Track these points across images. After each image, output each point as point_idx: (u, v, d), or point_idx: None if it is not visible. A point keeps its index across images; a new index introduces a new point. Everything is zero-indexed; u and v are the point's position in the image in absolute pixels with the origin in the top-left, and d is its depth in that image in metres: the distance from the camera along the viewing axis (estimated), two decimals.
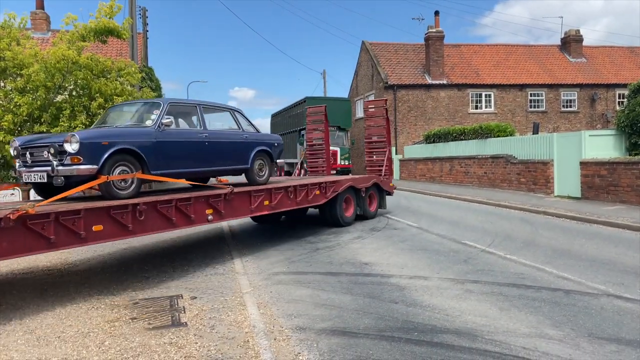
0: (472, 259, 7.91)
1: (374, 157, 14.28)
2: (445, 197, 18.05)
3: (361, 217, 12.31)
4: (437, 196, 18.51)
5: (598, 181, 14.21)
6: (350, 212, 11.77)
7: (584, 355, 4.22)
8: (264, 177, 9.46)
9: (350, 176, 12.73)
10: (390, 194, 13.83)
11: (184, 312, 5.53)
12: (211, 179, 9.63)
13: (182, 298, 6.10)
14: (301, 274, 7.26)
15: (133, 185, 6.97)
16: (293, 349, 4.49)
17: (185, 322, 5.20)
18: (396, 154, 29.86)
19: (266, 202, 8.83)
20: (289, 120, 30.87)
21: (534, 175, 16.94)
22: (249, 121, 9.48)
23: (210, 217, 7.58)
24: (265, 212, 8.96)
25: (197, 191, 7.84)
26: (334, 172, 26.92)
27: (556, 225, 11.22)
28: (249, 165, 9.07)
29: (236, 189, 8.18)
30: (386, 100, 14.34)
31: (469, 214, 13.42)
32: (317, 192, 10.30)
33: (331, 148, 26.42)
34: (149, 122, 7.51)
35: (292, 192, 9.49)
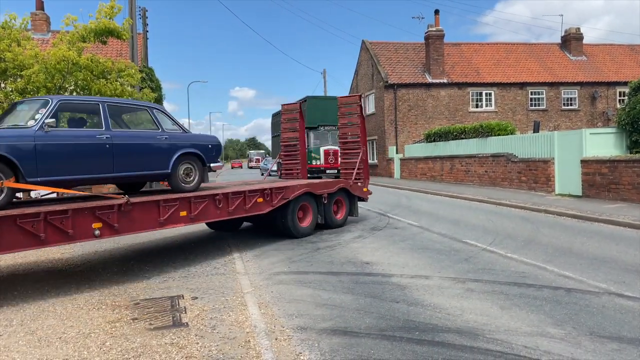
0: (473, 258, 7.91)
1: (349, 158, 12.81)
2: (446, 196, 18.04)
3: (322, 226, 11.03)
4: (437, 195, 18.50)
5: (599, 179, 14.20)
6: (307, 222, 10.42)
7: (585, 354, 4.21)
8: (192, 184, 8.34)
9: (306, 181, 11.49)
10: (363, 199, 12.54)
11: (185, 313, 5.53)
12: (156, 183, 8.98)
13: (183, 298, 6.10)
14: (302, 274, 7.25)
15: (2, 195, 6.15)
16: (294, 349, 4.49)
17: (187, 323, 5.20)
18: (397, 153, 29.86)
19: (182, 213, 7.71)
20: None
21: (535, 174, 16.93)
22: (174, 120, 8.46)
23: (97, 232, 6.60)
24: (182, 225, 7.90)
25: (84, 202, 6.99)
26: (335, 171, 25.65)
27: (557, 223, 11.21)
28: (169, 170, 7.99)
29: (138, 199, 7.22)
30: (360, 95, 13.11)
31: (470, 212, 13.41)
32: (260, 199, 9.11)
33: (333, 147, 26.19)
34: (31, 123, 6.67)
35: (221, 201, 8.30)
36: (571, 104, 32.68)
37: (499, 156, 19.11)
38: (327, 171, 26.35)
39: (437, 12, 31.84)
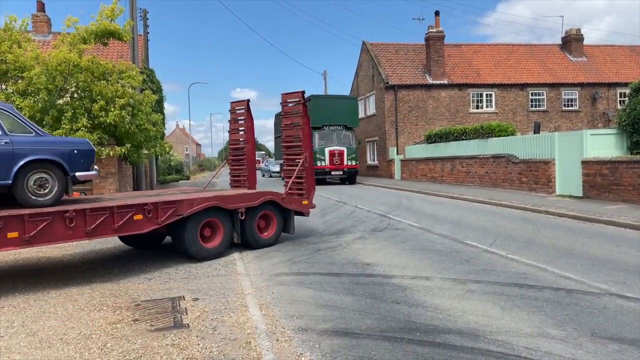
0: (474, 259, 7.90)
1: (291, 166, 10.81)
2: (447, 197, 18.04)
3: (246, 245, 9.36)
4: (438, 196, 18.50)
5: (600, 180, 14.19)
6: (215, 243, 8.65)
7: (586, 355, 4.21)
8: (48, 197, 7.02)
9: (214, 193, 9.60)
10: (303, 214, 10.46)
11: (186, 314, 5.53)
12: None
13: (184, 299, 6.11)
14: (303, 275, 7.26)
15: None
16: (295, 350, 4.49)
17: (188, 324, 5.20)
18: (397, 154, 29.86)
19: (12, 235, 6.38)
20: None
21: (536, 175, 16.92)
22: (25, 122, 7.15)
23: None
24: (12, 248, 6.59)
25: None
26: (341, 172, 26.31)
27: (558, 224, 11.20)
28: (10, 181, 6.70)
29: None
30: (303, 92, 11.00)
31: (471, 213, 13.40)
32: (138, 216, 7.50)
33: (338, 148, 26.27)
34: None
35: (73, 219, 6.79)
36: (572, 105, 32.67)
37: (499, 157, 19.11)
38: (332, 173, 26.16)
39: (437, 13, 31.85)
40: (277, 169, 38.94)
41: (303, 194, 10.51)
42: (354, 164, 27.00)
